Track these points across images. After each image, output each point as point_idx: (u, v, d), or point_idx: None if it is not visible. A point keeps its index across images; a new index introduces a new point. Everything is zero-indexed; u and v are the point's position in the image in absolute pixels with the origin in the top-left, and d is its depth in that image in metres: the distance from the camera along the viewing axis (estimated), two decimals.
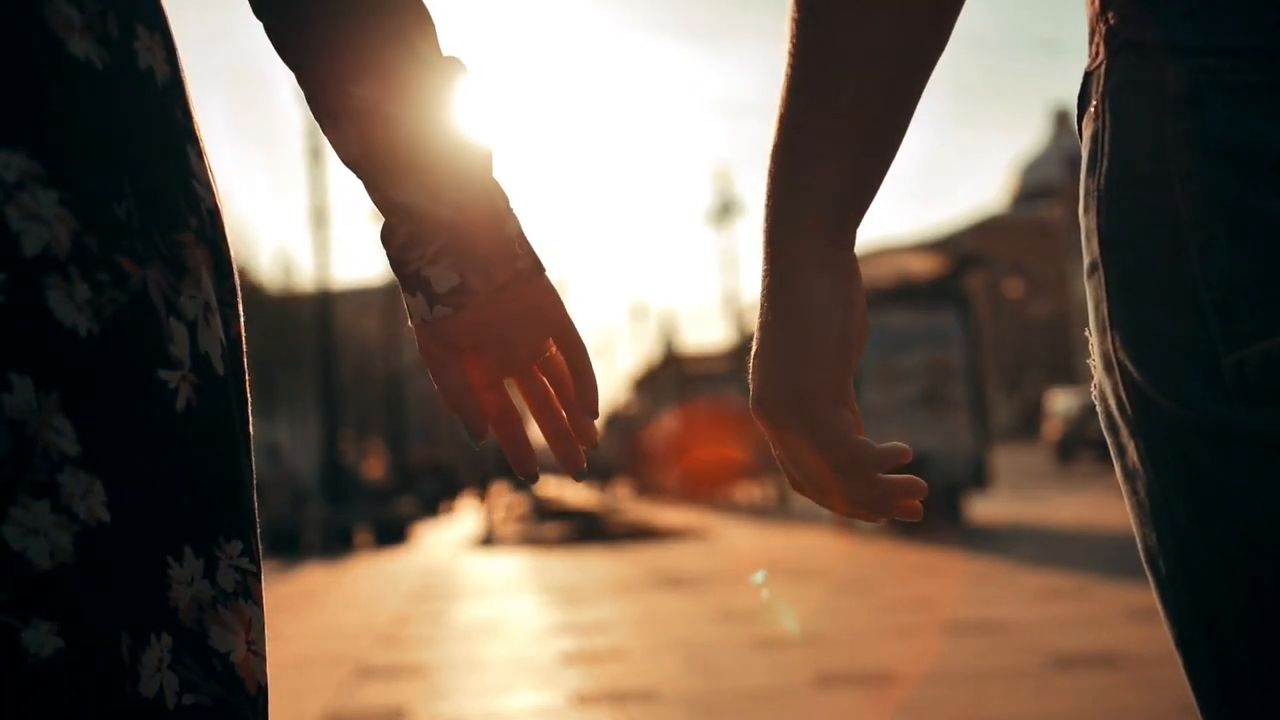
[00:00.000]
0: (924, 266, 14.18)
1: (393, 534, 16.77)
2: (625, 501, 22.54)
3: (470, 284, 0.86)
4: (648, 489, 27.09)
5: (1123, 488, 0.73)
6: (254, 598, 0.81)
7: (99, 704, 0.70)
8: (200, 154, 0.82)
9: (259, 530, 0.83)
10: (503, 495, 20.83)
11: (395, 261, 0.87)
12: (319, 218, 20.55)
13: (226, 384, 0.79)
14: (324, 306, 20.45)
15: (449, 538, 17.88)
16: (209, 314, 0.78)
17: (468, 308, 0.86)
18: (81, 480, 0.70)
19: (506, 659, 5.97)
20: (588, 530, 14.89)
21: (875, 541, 11.33)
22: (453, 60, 0.87)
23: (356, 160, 0.86)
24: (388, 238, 0.87)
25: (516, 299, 0.88)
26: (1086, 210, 0.72)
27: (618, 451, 33.70)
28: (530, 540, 14.87)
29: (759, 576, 11.07)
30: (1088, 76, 0.73)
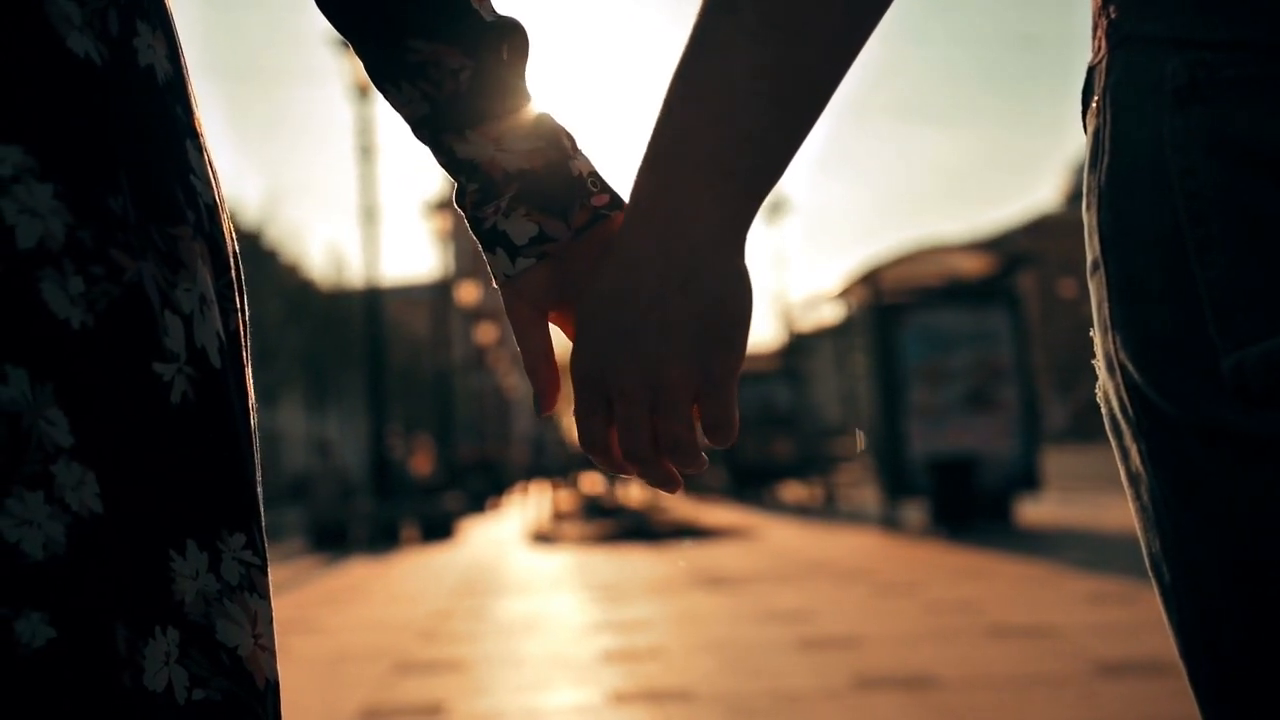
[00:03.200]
0: (973, 265, 14.05)
1: (439, 529, 16.85)
2: (670, 498, 22.52)
3: (549, 230, 0.83)
4: (693, 486, 27.08)
5: (1127, 493, 0.71)
6: (260, 591, 0.81)
7: (93, 694, 0.71)
8: (200, 150, 0.82)
9: (263, 523, 0.83)
10: (552, 491, 20.89)
11: (471, 221, 0.86)
12: (369, 215, 20.71)
13: (225, 377, 0.79)
14: (373, 303, 20.61)
15: (495, 534, 17.96)
16: (206, 307, 0.78)
17: (550, 255, 0.84)
18: (74, 472, 0.71)
19: (546, 656, 5.98)
20: (634, 528, 14.89)
21: (921, 543, 11.25)
22: (511, 19, 0.86)
23: (422, 120, 0.85)
24: (461, 199, 0.86)
25: (599, 239, 0.83)
26: (1089, 208, 0.70)
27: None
28: (576, 537, 14.90)
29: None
30: (1090, 71, 0.72)
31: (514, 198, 0.84)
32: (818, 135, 0.75)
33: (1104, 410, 0.72)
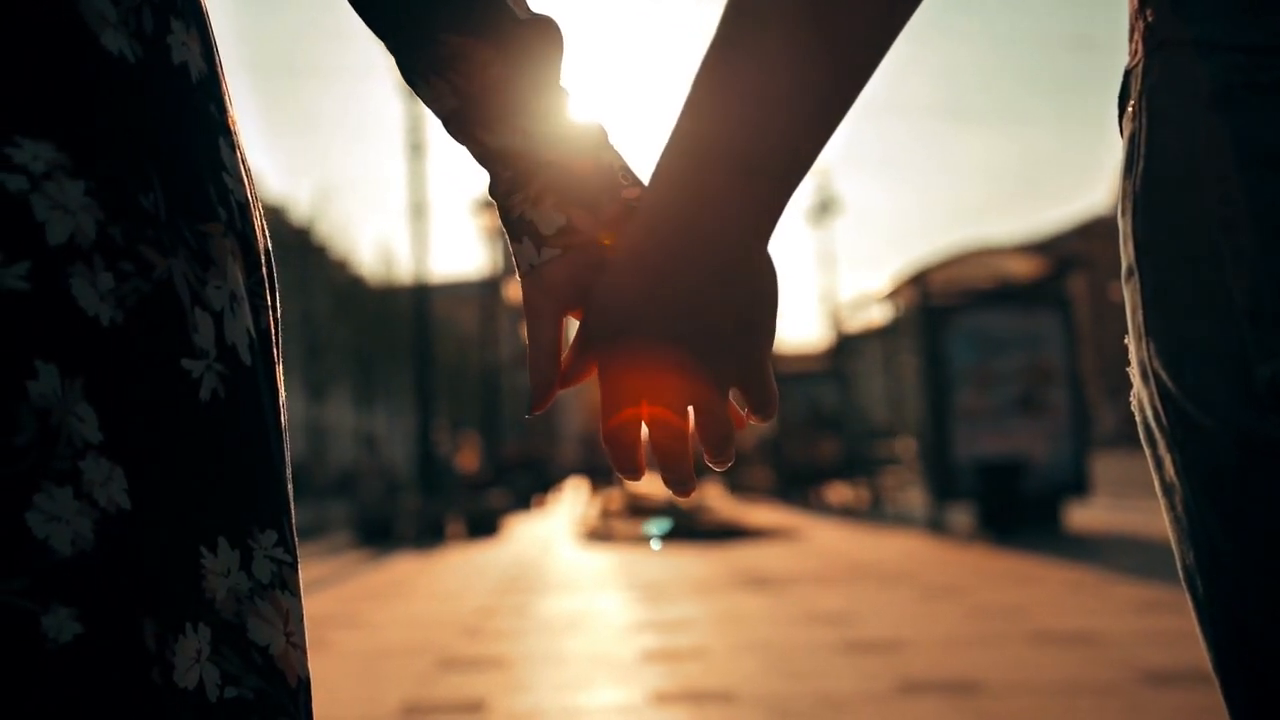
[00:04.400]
0: (1024, 268, 13.92)
1: (484, 526, 16.92)
2: (716, 499, 22.50)
3: (577, 222, 0.83)
4: (739, 487, 27.01)
5: (1161, 503, 0.70)
6: (291, 588, 0.81)
7: (122, 690, 0.71)
8: (234, 147, 0.82)
9: (294, 519, 0.83)
10: (596, 491, 20.91)
11: (501, 209, 0.86)
12: (418, 211, 20.84)
13: (255, 374, 0.79)
14: (421, 299, 20.73)
15: (540, 531, 18.00)
16: (237, 304, 0.78)
17: (576, 248, 0.83)
18: (103, 468, 0.71)
19: (587, 654, 5.98)
20: (678, 527, 14.88)
21: (968, 547, 11.15)
22: (544, 15, 0.86)
23: (452, 113, 0.85)
24: (493, 188, 0.86)
25: (629, 232, 0.82)
26: (1123, 213, 0.69)
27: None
28: (620, 536, 14.90)
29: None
30: (1127, 75, 0.70)
31: (543, 187, 0.84)
32: (869, 136, 0.75)
33: (1138, 419, 0.71)
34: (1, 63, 0.69)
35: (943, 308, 13.24)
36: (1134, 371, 0.70)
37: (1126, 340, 0.71)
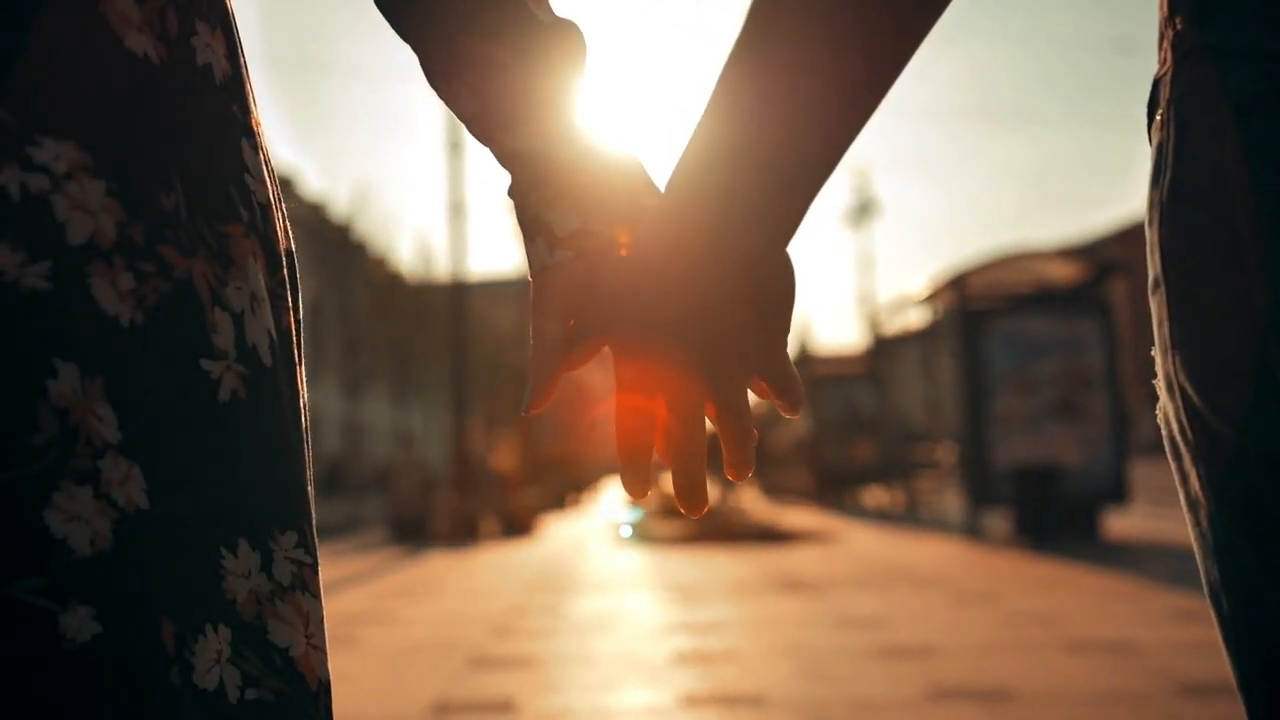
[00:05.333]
0: (1063, 273, 13.81)
1: (518, 525, 16.97)
2: (750, 501, 22.46)
3: (592, 225, 0.83)
4: (774, 489, 26.95)
5: (1187, 519, 0.68)
6: (311, 590, 0.81)
7: (139, 689, 0.71)
8: (256, 148, 0.82)
9: (314, 520, 0.83)
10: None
11: (517, 208, 0.85)
12: (456, 210, 20.92)
13: (275, 375, 0.79)
14: (457, 297, 20.81)
15: (574, 530, 18.03)
16: (257, 305, 0.78)
17: (589, 251, 0.83)
18: (121, 467, 0.71)
19: (618, 655, 5.97)
20: (712, 529, 14.86)
21: (1004, 553, 11.07)
22: (568, 20, 0.86)
23: (474, 115, 0.86)
24: (512, 188, 0.86)
25: (642, 241, 0.82)
26: (1150, 223, 0.68)
27: None
28: (654, 536, 14.90)
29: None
30: (1156, 83, 0.69)
31: (561, 188, 0.84)
32: (909, 138, 0.74)
33: (1164, 433, 0.70)
34: (25, 63, 0.70)
35: (981, 311, 13.16)
36: (1160, 384, 0.69)
37: (1153, 352, 0.69)
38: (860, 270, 36.82)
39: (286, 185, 38.36)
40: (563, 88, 0.85)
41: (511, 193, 0.86)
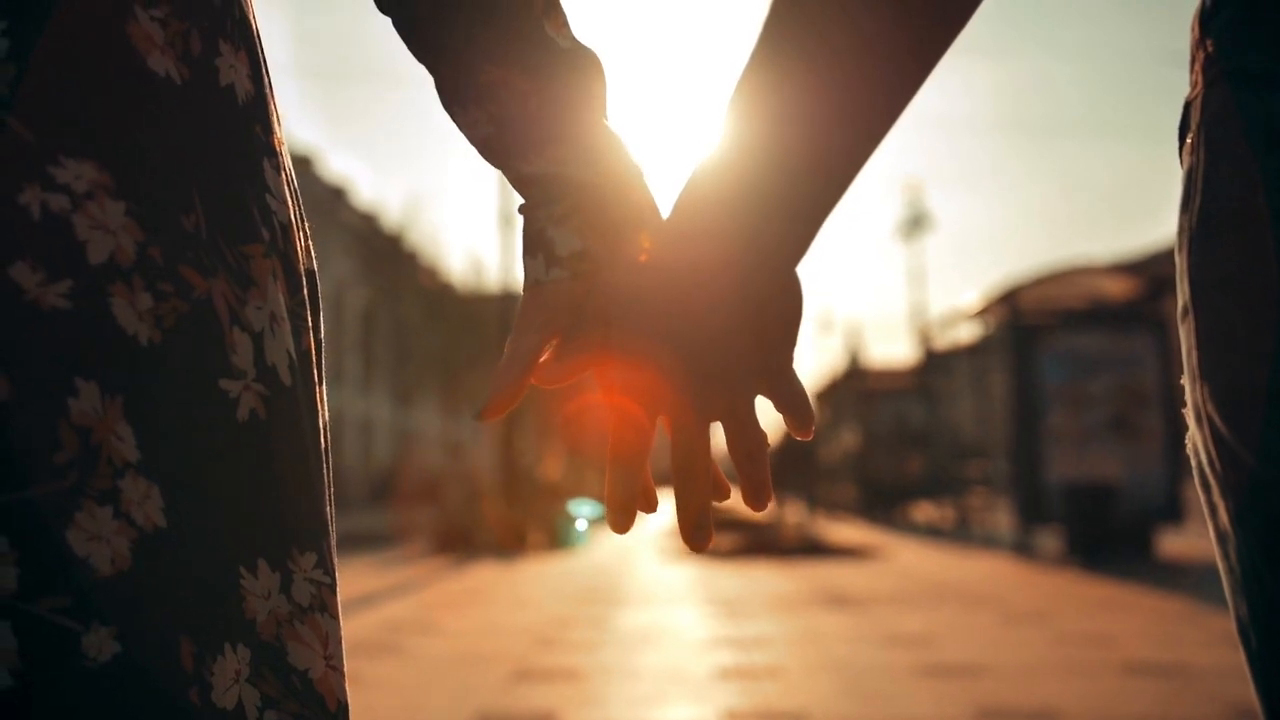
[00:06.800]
0: (1118, 288, 13.64)
1: (566, 536, 16.99)
2: (798, 515, 22.36)
3: (594, 249, 0.82)
4: (821, 503, 26.81)
5: (1215, 552, 0.66)
6: (330, 611, 0.80)
7: (160, 709, 0.71)
8: (278, 169, 0.82)
9: (333, 540, 0.82)
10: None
11: (524, 220, 0.85)
12: (507, 221, 21.03)
13: (295, 395, 0.79)
14: (507, 308, 20.92)
15: (621, 542, 18.02)
16: (277, 325, 0.78)
17: (584, 276, 0.82)
18: (140, 486, 0.71)
19: (662, 669, 5.95)
20: (759, 543, 14.81)
21: (1055, 572, 10.94)
22: (586, 47, 0.86)
23: (487, 140, 0.85)
24: (523, 206, 0.86)
25: (641, 271, 0.81)
26: (1179, 250, 0.66)
27: (792, 464, 33.43)
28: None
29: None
30: (1187, 107, 0.68)
31: (571, 208, 0.83)
32: (961, 152, 0.73)
33: (1193, 463, 0.68)
34: (47, 83, 0.70)
35: (1034, 326, 13.03)
36: (1189, 414, 0.67)
37: (1182, 381, 0.68)
38: (912, 284, 36.68)
39: (338, 194, 38.73)
40: (580, 115, 0.84)
41: (522, 209, 0.86)
